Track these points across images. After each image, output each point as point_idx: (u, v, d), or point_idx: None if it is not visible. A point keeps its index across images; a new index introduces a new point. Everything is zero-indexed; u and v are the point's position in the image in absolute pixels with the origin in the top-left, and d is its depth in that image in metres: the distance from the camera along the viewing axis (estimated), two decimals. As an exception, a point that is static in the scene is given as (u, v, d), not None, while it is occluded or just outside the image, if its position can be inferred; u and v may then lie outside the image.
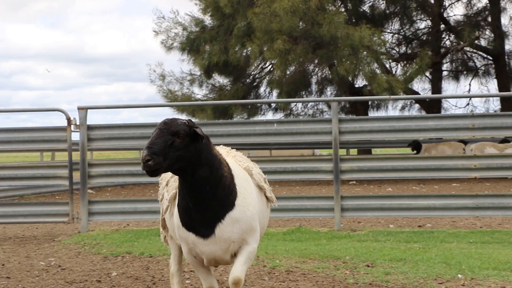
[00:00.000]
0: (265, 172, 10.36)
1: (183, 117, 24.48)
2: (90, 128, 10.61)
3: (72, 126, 10.57)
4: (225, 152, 5.57)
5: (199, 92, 25.86)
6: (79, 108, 10.61)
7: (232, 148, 5.84)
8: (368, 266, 7.33)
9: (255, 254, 5.11)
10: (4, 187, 14.67)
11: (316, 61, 23.70)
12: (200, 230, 4.86)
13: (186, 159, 4.68)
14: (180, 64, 35.59)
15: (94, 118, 10.46)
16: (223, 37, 23.97)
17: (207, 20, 25.48)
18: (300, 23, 21.79)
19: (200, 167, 4.77)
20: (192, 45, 24.79)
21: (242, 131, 10.70)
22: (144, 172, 4.68)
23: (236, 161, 5.43)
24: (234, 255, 5.02)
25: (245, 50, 24.23)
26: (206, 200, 4.80)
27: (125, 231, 10.40)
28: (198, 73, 25.61)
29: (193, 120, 21.55)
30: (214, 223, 4.83)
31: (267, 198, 5.53)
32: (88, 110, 10.67)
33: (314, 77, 25.32)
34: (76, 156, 10.78)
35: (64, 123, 10.61)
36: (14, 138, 10.74)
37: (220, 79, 26.17)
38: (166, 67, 27.63)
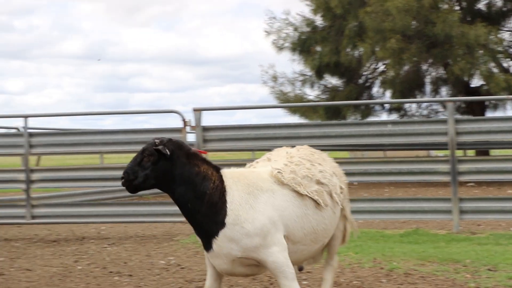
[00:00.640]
0: (380, 174, 10.36)
1: (295, 118, 24.63)
2: (205, 129, 10.75)
3: (187, 127, 10.74)
4: (283, 154, 5.47)
5: (311, 93, 25.85)
6: (194, 110, 10.76)
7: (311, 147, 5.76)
8: (490, 270, 7.12)
9: (281, 261, 4.86)
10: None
11: (430, 61, 23.24)
12: (203, 243, 4.93)
13: (154, 177, 4.83)
14: (291, 65, 35.69)
15: (207, 119, 10.60)
16: (334, 37, 23.86)
17: (318, 20, 25.41)
18: (413, 22, 21.43)
19: (177, 185, 4.83)
20: (303, 45, 24.80)
21: (356, 132, 10.59)
22: None
23: (286, 163, 5.23)
24: (255, 266, 4.93)
25: (356, 51, 24.05)
26: (193, 216, 4.85)
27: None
28: (309, 73, 25.60)
29: (305, 121, 21.33)
30: (209, 238, 4.83)
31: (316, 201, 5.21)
32: (202, 112, 10.81)
33: (428, 77, 24.82)
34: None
35: (179, 124, 10.79)
36: (132, 139, 11.01)
37: (332, 80, 26.07)
38: (277, 68, 27.67)
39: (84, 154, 21.14)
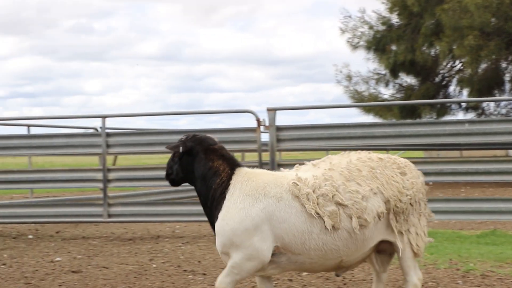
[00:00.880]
0: (455, 173, 10.15)
1: (369, 117, 24.41)
2: (279, 129, 10.69)
3: (261, 127, 10.71)
4: (327, 163, 5.14)
5: (385, 92, 25.61)
6: (268, 110, 10.69)
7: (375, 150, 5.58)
8: None
9: (240, 267, 4.90)
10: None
11: (510, 58, 22.68)
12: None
13: (181, 171, 5.26)
14: (365, 63, 35.35)
15: (281, 119, 10.54)
16: (410, 36, 23.57)
17: (394, 18, 25.15)
18: (493, 19, 20.95)
19: (196, 179, 5.19)
20: (378, 44, 24.58)
21: (431, 131, 10.38)
22: None
23: (316, 175, 4.98)
24: None
25: (432, 50, 23.68)
26: (204, 208, 5.19)
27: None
28: (384, 72, 25.34)
29: (379, 120, 20.99)
30: (213, 230, 5.11)
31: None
32: (276, 111, 10.76)
33: (507, 74, 24.24)
34: (265, 156, 10.93)
35: (253, 124, 10.77)
36: (207, 139, 11.05)
37: (407, 79, 25.73)
38: (352, 67, 27.32)
39: (160, 154, 21.43)
